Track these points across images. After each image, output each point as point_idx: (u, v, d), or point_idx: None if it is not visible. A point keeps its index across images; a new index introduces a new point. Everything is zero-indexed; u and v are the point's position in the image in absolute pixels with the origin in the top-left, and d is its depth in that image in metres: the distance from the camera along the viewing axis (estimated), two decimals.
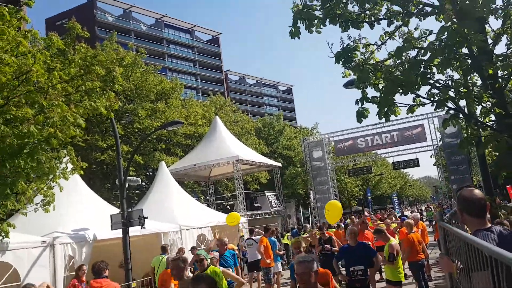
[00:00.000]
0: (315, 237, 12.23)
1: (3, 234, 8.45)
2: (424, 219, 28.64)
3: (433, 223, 24.66)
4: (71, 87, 8.43)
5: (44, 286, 7.49)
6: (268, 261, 12.84)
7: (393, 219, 18.35)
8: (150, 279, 12.78)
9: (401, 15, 7.17)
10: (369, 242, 10.67)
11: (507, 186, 16.22)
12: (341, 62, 7.16)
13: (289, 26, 7.52)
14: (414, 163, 29.17)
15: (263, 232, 15.78)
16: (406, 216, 20.57)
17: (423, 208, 28.59)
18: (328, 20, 7.28)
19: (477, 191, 3.18)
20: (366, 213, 26.24)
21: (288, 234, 21.36)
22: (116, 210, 13.39)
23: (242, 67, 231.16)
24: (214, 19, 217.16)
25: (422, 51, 6.75)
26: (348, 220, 19.41)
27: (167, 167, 20.71)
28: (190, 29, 78.51)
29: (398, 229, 13.58)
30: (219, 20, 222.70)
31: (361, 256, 7.91)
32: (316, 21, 7.35)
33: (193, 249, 13.34)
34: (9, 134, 6.91)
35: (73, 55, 8.71)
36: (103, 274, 7.33)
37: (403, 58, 6.89)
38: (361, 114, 7.20)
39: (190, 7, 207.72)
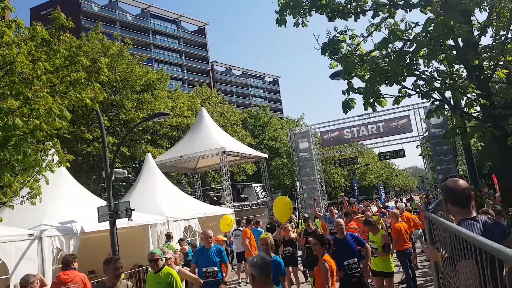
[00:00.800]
0: (287, 231, 11.79)
1: None
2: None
3: (417, 214, 24.83)
4: (56, 78, 8.32)
5: (38, 278, 7.49)
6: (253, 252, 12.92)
7: (373, 211, 17.67)
8: (138, 271, 12.79)
9: (387, 6, 7.21)
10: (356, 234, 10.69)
11: (492, 175, 16.38)
12: (327, 53, 7.18)
13: (276, 12, 7.52)
14: (400, 153, 29.42)
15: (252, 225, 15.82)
16: (388, 207, 20.50)
17: (406, 199, 28.22)
18: (314, 9, 7.29)
19: (461, 181, 3.20)
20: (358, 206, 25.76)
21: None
22: (103, 202, 13.32)
23: (228, 58, 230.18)
24: (201, 9, 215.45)
25: (408, 42, 6.80)
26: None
27: (154, 158, 20.62)
28: (176, 20, 77.72)
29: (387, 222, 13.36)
30: (206, 10, 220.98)
31: (352, 248, 7.44)
32: (302, 11, 7.36)
33: (180, 241, 13.41)
34: None
35: (58, 45, 8.58)
36: (71, 266, 7.59)
37: (389, 49, 6.93)
38: (347, 105, 7.24)
39: None
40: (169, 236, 13.17)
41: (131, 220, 12.34)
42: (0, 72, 7.50)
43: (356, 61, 6.91)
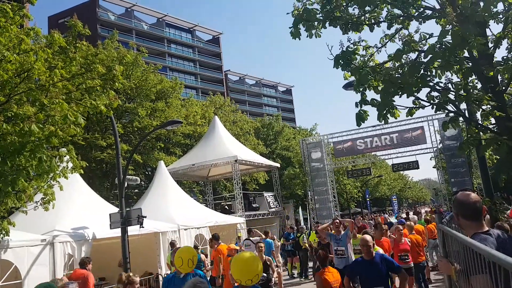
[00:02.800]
0: (259, 250, 9.40)
1: (3, 232, 8.45)
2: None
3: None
4: (71, 85, 8.45)
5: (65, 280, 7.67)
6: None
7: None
8: (148, 278, 12.80)
9: (401, 18, 7.20)
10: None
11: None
12: (340, 66, 7.15)
13: (290, 28, 7.54)
14: (414, 165, 29.10)
15: (263, 235, 15.67)
16: (392, 222, 19.83)
17: (411, 213, 26.52)
18: (328, 22, 7.30)
19: (472, 195, 3.17)
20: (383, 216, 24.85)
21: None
22: (115, 209, 13.40)
23: (242, 67, 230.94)
24: (215, 19, 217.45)
25: (422, 54, 6.77)
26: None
27: (166, 166, 20.73)
28: (191, 29, 78.56)
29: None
30: (220, 20, 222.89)
31: (381, 274, 6.04)
32: (316, 23, 7.37)
33: (194, 248, 13.44)
34: (11, 132, 6.93)
35: (75, 53, 8.71)
36: (85, 266, 9.02)
37: (403, 60, 6.91)
38: (361, 118, 7.17)
39: (192, 6, 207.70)
40: (173, 245, 13.17)
41: (143, 227, 12.39)
42: (17, 78, 7.63)
43: (369, 72, 6.88)
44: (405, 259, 9.67)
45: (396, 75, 6.66)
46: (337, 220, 10.67)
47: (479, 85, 6.85)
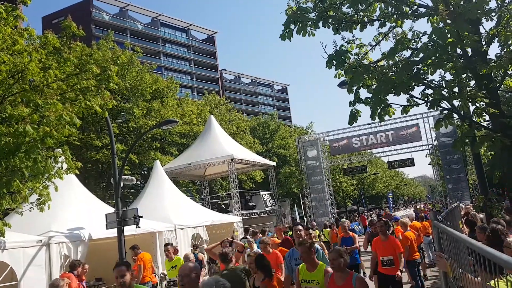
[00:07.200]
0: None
1: None
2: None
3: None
4: (66, 86, 8.42)
5: (67, 282, 7.77)
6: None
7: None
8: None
9: (394, 16, 7.21)
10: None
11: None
12: (333, 65, 7.15)
13: (282, 30, 7.50)
14: (409, 162, 29.19)
15: (260, 234, 15.67)
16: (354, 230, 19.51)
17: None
18: (321, 22, 7.30)
19: None
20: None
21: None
22: (111, 209, 13.37)
23: (237, 66, 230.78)
24: (210, 18, 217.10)
25: (416, 51, 6.79)
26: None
27: (162, 166, 20.69)
28: (186, 28, 78.36)
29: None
30: (215, 19, 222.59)
31: None
32: (309, 22, 7.36)
33: (195, 247, 13.59)
34: (5, 133, 6.90)
35: (69, 53, 8.69)
36: (73, 270, 9.02)
37: (397, 59, 6.92)
38: (353, 117, 7.21)
39: (186, 6, 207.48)
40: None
41: (139, 227, 12.36)
42: (11, 79, 7.61)
43: (362, 71, 6.88)
44: None
45: (390, 74, 6.68)
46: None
47: (472, 82, 6.89)
